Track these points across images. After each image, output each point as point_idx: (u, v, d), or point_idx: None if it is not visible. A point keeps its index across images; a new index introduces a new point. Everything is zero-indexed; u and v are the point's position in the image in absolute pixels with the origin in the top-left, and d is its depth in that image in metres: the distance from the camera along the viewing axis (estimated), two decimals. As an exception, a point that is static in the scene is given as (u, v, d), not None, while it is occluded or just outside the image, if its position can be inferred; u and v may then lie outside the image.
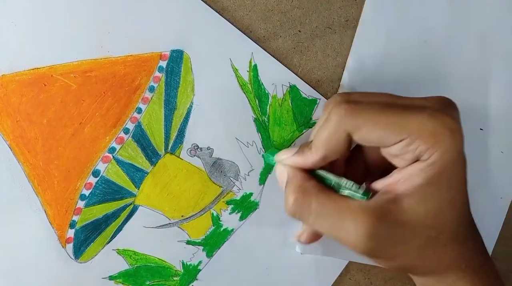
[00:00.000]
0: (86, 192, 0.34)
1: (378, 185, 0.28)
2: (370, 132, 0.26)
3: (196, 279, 0.37)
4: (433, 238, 0.27)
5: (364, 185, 0.29)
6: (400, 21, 0.36)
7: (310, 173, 0.29)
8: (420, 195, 0.26)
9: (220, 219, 0.36)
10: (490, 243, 0.39)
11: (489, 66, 0.37)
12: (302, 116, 0.36)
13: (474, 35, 0.37)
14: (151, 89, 0.34)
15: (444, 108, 0.26)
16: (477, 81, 0.37)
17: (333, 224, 0.26)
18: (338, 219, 0.26)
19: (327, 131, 0.27)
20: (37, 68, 0.32)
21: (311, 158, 0.28)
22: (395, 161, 0.28)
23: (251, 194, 0.37)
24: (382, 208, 0.26)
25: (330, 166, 0.29)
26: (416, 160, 0.26)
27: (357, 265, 0.39)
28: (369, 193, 0.28)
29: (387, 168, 0.28)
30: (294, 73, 0.36)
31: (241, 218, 0.37)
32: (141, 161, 0.35)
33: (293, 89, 0.36)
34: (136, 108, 0.34)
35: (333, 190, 0.28)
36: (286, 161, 0.29)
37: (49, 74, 0.32)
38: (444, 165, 0.25)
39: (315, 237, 0.33)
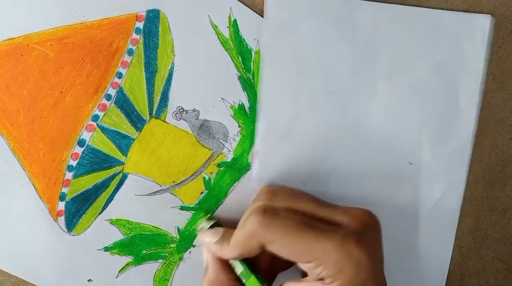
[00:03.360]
0: (73, 163, 0.34)
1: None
2: (280, 249, 0.28)
3: (193, 245, 0.36)
4: None
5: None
6: (303, 74, 0.35)
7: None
8: None
9: (212, 182, 0.36)
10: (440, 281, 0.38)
11: (404, 101, 0.36)
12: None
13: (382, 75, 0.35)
14: (130, 52, 0.33)
15: (359, 233, 0.27)
16: (396, 117, 0.35)
17: None
18: None
19: (242, 237, 0.29)
20: (12, 39, 0.32)
21: (227, 253, 0.30)
22: (307, 272, 0.28)
23: (242, 155, 0.36)
24: None
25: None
26: (320, 280, 0.27)
27: None
28: None
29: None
30: (276, 26, 0.35)
31: (234, 180, 0.36)
32: (126, 128, 0.34)
33: (276, 43, 0.35)
34: (116, 73, 0.33)
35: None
36: (207, 247, 0.32)
37: (25, 44, 0.32)
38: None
39: None
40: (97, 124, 0.33)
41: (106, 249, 0.35)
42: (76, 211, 0.34)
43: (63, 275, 0.35)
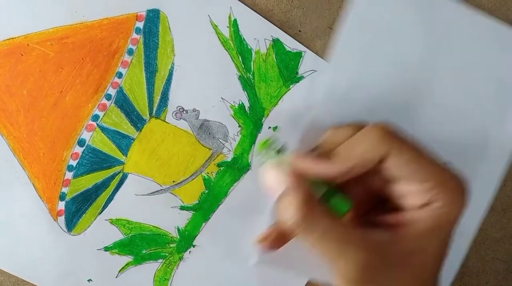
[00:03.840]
0: (73, 163, 0.34)
1: (382, 219, 0.29)
2: (407, 163, 0.26)
3: (193, 245, 0.36)
4: None
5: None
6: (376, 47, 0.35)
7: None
8: (418, 240, 0.27)
9: (212, 182, 0.36)
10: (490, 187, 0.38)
11: (463, 96, 0.36)
12: (288, 70, 0.35)
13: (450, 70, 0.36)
14: (130, 52, 0.33)
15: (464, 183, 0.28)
16: (453, 111, 0.36)
17: (334, 249, 0.26)
18: (340, 244, 0.26)
19: (365, 145, 0.27)
20: (12, 38, 0.32)
21: (337, 167, 0.27)
22: (403, 200, 0.28)
23: (242, 154, 0.36)
24: (382, 243, 0.27)
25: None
26: (425, 205, 0.27)
27: None
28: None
29: (382, 201, 0.29)
30: (276, 26, 0.35)
31: (234, 180, 0.36)
32: (126, 127, 0.34)
33: (276, 43, 0.35)
34: (117, 73, 0.33)
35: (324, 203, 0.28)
36: (299, 164, 0.28)
37: (25, 44, 0.32)
38: (449, 220, 0.27)
39: (282, 240, 0.32)
40: (97, 124, 0.33)
41: (106, 249, 0.35)
42: (76, 210, 0.34)
43: (63, 275, 0.35)
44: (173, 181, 0.35)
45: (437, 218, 0.27)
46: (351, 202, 0.28)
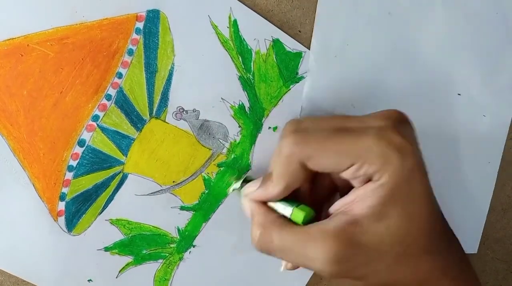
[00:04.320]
0: (73, 163, 0.34)
1: (336, 206, 0.28)
2: (320, 160, 0.26)
3: (194, 245, 0.36)
4: (401, 253, 0.26)
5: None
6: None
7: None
8: (375, 215, 0.26)
9: (212, 182, 0.36)
10: (483, 210, 0.38)
11: (458, 31, 0.36)
12: (288, 71, 0.35)
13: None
14: (130, 52, 0.33)
15: (393, 126, 0.26)
16: (449, 46, 0.36)
17: (297, 255, 0.27)
18: (301, 249, 0.26)
19: (281, 163, 0.27)
20: (12, 39, 0.32)
21: (273, 191, 0.28)
22: (352, 182, 0.27)
23: (242, 155, 0.36)
24: (342, 230, 0.26)
25: (295, 194, 0.29)
26: (369, 180, 0.26)
27: None
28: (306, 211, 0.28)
29: (350, 188, 0.29)
30: (276, 26, 0.35)
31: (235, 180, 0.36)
32: (126, 128, 0.34)
33: (276, 43, 0.35)
34: (117, 73, 0.33)
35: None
36: (251, 196, 0.30)
37: (25, 44, 0.32)
38: (396, 185, 0.25)
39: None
40: (97, 125, 0.33)
41: (106, 249, 0.35)
42: (76, 211, 0.34)
43: (63, 275, 0.35)
44: (173, 181, 0.35)
45: (382, 189, 0.25)
46: (308, 209, 0.29)
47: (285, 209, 0.29)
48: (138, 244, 0.35)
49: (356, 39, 0.35)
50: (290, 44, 0.35)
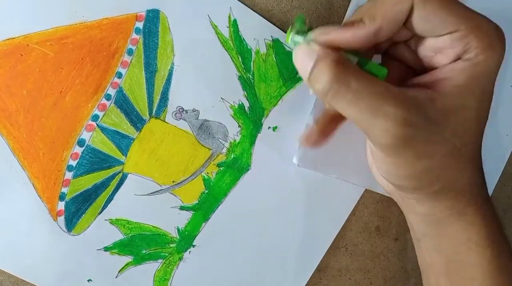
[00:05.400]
0: (73, 163, 0.34)
1: (417, 80, 0.27)
2: (433, 12, 0.24)
3: (193, 245, 0.36)
4: (457, 149, 0.26)
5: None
6: None
7: None
8: (455, 96, 0.25)
9: (212, 182, 0.36)
10: (491, 183, 0.38)
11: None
12: (288, 71, 0.35)
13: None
14: (130, 52, 0.33)
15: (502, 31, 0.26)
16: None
17: (371, 106, 0.24)
18: (378, 100, 0.24)
19: (387, 2, 0.25)
20: (12, 39, 0.32)
21: (362, 30, 0.25)
22: (435, 59, 0.26)
23: (242, 155, 0.36)
24: (420, 100, 0.25)
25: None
26: (458, 59, 0.25)
27: (357, 263, 0.38)
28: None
29: (425, 71, 0.27)
30: (276, 26, 0.35)
31: (234, 180, 0.36)
32: (126, 127, 0.34)
33: (276, 43, 0.35)
34: (116, 73, 0.33)
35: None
36: (323, 38, 0.25)
37: (24, 44, 0.32)
38: (485, 71, 0.25)
39: (323, 136, 0.30)
40: (97, 124, 0.33)
41: (106, 249, 0.35)
42: (76, 210, 0.34)
43: (63, 275, 0.35)
44: (173, 181, 0.35)
45: (473, 69, 0.25)
46: (386, 68, 0.26)
47: (364, 63, 0.26)
48: (138, 244, 0.35)
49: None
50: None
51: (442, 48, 0.26)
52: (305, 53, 0.25)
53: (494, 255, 0.28)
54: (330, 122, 0.30)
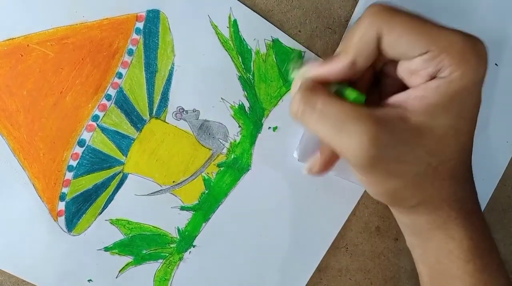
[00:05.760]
0: (73, 163, 0.34)
1: (390, 100, 0.27)
2: (400, 37, 0.25)
3: (194, 246, 0.36)
4: (432, 167, 0.26)
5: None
6: None
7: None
8: (428, 115, 0.25)
9: (212, 182, 0.36)
10: (490, 187, 0.38)
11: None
12: (288, 71, 0.35)
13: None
14: (130, 52, 0.33)
15: (479, 40, 0.25)
16: (493, 15, 0.35)
17: (335, 125, 0.25)
18: (342, 120, 0.25)
19: (358, 32, 0.25)
20: (12, 39, 0.32)
21: (338, 63, 0.26)
22: (411, 80, 0.26)
23: (242, 155, 0.36)
24: (390, 119, 0.25)
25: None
26: (433, 78, 0.25)
27: (357, 263, 0.38)
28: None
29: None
30: (276, 26, 0.35)
31: (235, 180, 0.36)
32: (126, 128, 0.34)
33: (276, 43, 0.35)
34: (117, 73, 0.33)
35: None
36: (309, 73, 0.28)
37: (25, 44, 0.32)
38: (461, 87, 0.24)
39: (327, 165, 0.31)
40: (97, 125, 0.33)
41: (106, 249, 0.35)
42: (76, 211, 0.34)
43: (63, 275, 0.35)
44: (173, 181, 0.35)
45: (447, 87, 0.24)
46: (364, 95, 0.27)
47: (338, 89, 0.27)
48: (138, 244, 0.35)
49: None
50: (290, 44, 0.35)
51: (416, 70, 0.26)
52: (294, 85, 0.29)
53: (476, 269, 0.28)
54: (333, 154, 0.31)
